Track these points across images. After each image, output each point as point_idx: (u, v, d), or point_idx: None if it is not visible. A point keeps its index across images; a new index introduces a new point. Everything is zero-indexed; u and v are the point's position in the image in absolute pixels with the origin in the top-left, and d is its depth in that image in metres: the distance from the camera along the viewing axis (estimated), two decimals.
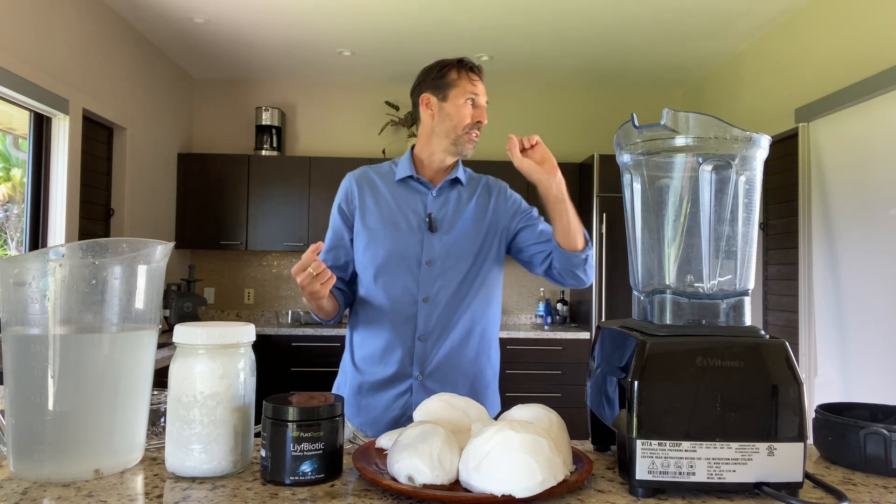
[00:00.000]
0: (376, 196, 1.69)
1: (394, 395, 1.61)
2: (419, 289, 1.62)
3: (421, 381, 1.60)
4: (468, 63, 1.69)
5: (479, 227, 1.68)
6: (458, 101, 1.66)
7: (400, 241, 1.63)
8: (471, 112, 1.67)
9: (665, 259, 0.94)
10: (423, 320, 1.61)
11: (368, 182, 1.71)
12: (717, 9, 3.62)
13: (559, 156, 5.19)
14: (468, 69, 1.69)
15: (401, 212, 1.67)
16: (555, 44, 4.25)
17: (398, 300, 1.62)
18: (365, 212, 1.68)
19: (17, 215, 3.36)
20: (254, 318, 5.14)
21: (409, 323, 1.61)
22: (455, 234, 1.65)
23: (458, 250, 1.64)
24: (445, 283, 1.62)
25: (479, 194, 1.73)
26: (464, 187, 1.73)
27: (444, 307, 1.62)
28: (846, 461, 0.96)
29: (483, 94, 1.70)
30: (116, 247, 0.91)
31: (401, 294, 1.62)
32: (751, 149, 0.90)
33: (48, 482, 0.84)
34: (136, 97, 4.17)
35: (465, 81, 1.67)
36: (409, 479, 0.82)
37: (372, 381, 1.63)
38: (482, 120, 1.68)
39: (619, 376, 0.87)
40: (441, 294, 1.62)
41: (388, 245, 1.63)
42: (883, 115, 2.89)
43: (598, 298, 4.45)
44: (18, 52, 2.97)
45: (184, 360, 0.88)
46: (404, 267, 1.62)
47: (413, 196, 1.69)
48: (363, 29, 4.04)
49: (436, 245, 1.63)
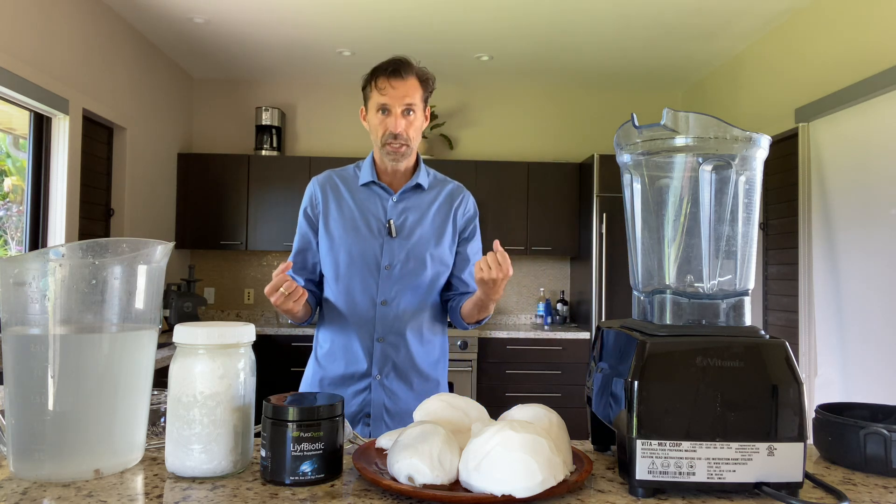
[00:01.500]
0: (339, 201, 1.72)
1: (353, 391, 1.67)
2: (378, 292, 1.66)
3: (379, 381, 1.66)
4: (379, 69, 1.63)
5: (439, 234, 1.71)
6: (371, 114, 1.66)
7: (360, 245, 1.67)
8: (381, 122, 1.63)
9: (665, 259, 0.94)
10: (380, 322, 1.66)
11: (332, 187, 1.73)
12: (717, 9, 3.62)
13: (559, 156, 5.24)
14: (377, 76, 1.62)
15: (362, 216, 1.69)
16: (555, 44, 4.25)
17: (358, 303, 1.67)
18: (328, 217, 1.71)
19: (18, 213, 3.36)
20: (254, 318, 5.14)
21: (367, 324, 1.66)
22: (414, 240, 1.68)
23: (416, 255, 1.67)
24: (403, 287, 1.66)
25: (442, 201, 1.74)
26: (426, 191, 1.74)
27: (402, 310, 1.67)
28: (846, 461, 0.96)
29: (396, 98, 1.60)
30: (116, 247, 0.91)
31: (360, 297, 1.66)
32: (751, 149, 0.90)
33: (48, 482, 0.84)
34: (136, 97, 4.17)
35: (374, 92, 1.63)
36: (409, 479, 0.82)
37: (332, 376, 1.69)
38: (391, 129, 1.61)
39: (619, 376, 0.87)
40: (399, 297, 1.66)
41: (349, 249, 1.67)
42: (883, 115, 2.89)
43: (598, 298, 4.45)
44: (18, 52, 2.97)
45: (184, 360, 0.88)
46: (364, 271, 1.66)
47: (374, 201, 1.71)
48: (363, 29, 4.04)
49: (395, 250, 1.67)
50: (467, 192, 1.80)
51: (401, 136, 1.62)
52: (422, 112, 1.67)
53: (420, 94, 1.65)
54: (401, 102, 1.61)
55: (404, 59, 1.64)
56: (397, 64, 1.62)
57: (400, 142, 1.63)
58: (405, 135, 1.63)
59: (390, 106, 1.61)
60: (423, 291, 1.69)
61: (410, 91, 1.62)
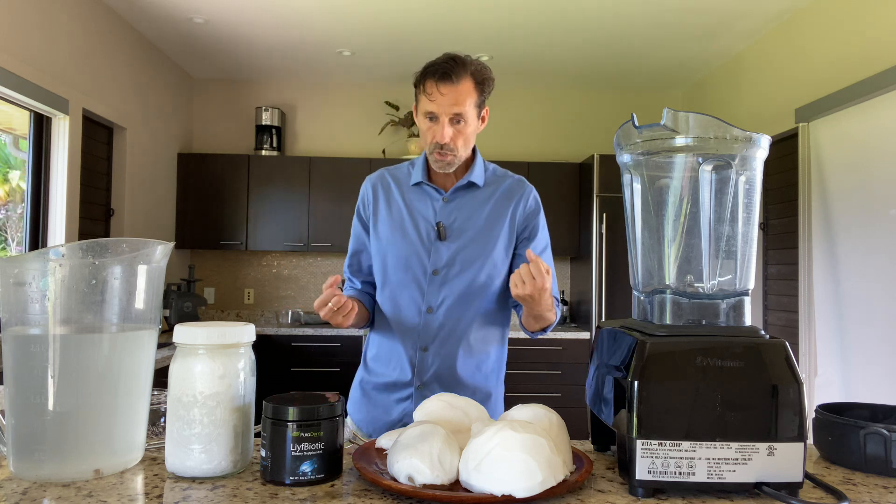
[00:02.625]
0: (389, 202, 1.63)
1: (395, 399, 1.60)
2: (424, 299, 1.57)
3: (421, 391, 1.58)
4: (429, 71, 1.50)
5: (491, 234, 1.59)
6: (420, 118, 1.56)
7: (408, 249, 1.58)
8: (429, 129, 1.53)
9: (665, 259, 0.94)
10: (425, 331, 1.57)
11: (384, 187, 1.65)
12: (717, 9, 3.62)
13: (559, 156, 5.23)
14: (426, 79, 1.50)
15: (411, 218, 1.60)
16: (555, 44, 4.25)
17: (403, 309, 1.58)
18: (378, 218, 1.63)
19: (19, 215, 3.36)
20: (254, 318, 5.14)
21: (412, 332, 1.58)
22: (462, 242, 1.57)
23: (465, 259, 1.57)
24: (450, 292, 1.56)
25: (498, 198, 1.61)
26: (481, 189, 1.62)
27: (448, 318, 1.56)
28: (846, 461, 0.96)
29: (444, 105, 1.48)
30: (116, 247, 0.91)
31: (406, 303, 1.58)
32: (751, 149, 0.90)
33: (48, 482, 0.84)
34: (136, 97, 4.17)
35: (422, 96, 1.52)
36: (409, 479, 0.82)
37: (377, 382, 1.63)
38: (439, 140, 1.50)
39: (619, 376, 0.87)
40: (444, 304, 1.56)
41: (396, 253, 1.59)
42: (883, 115, 2.89)
43: (598, 298, 4.45)
44: (18, 52, 2.97)
45: (184, 360, 0.88)
46: (410, 276, 1.57)
47: (425, 202, 1.61)
48: (363, 29, 4.04)
49: (443, 254, 1.57)
50: (530, 187, 1.64)
51: (447, 147, 1.51)
52: (475, 117, 1.54)
53: (473, 99, 1.51)
54: (449, 111, 1.48)
55: (457, 60, 1.49)
56: (448, 67, 1.47)
57: (446, 151, 1.52)
58: (452, 145, 1.51)
59: (438, 114, 1.49)
60: (472, 298, 1.57)
61: (461, 98, 1.48)
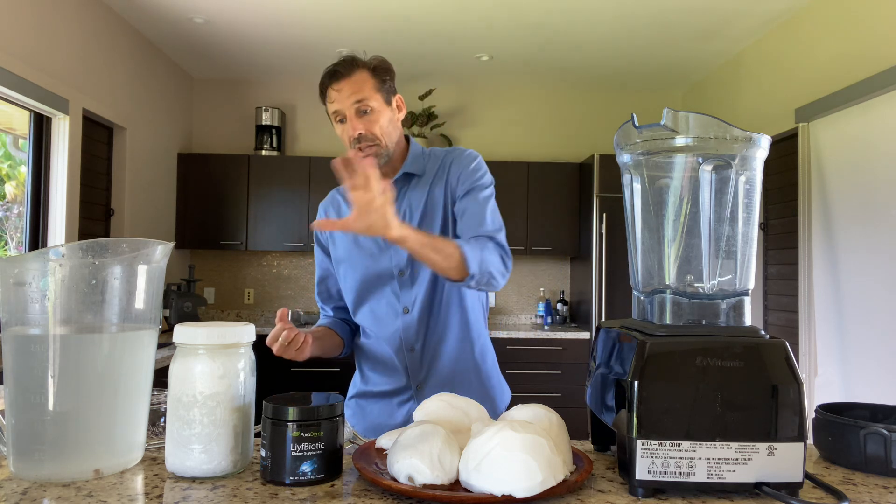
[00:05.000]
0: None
1: (397, 402, 1.60)
2: (399, 300, 1.56)
3: (421, 391, 1.58)
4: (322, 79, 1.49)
5: (435, 216, 1.53)
6: (336, 127, 1.51)
7: (367, 259, 1.57)
8: (343, 132, 1.49)
9: (665, 259, 0.94)
10: (406, 331, 1.56)
11: (335, 207, 1.65)
12: (717, 9, 3.62)
13: (559, 156, 5.23)
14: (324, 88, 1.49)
15: None
16: (555, 44, 4.25)
17: (382, 317, 1.58)
18: (334, 239, 1.62)
19: (18, 215, 3.36)
20: (254, 318, 5.14)
21: (395, 336, 1.57)
22: None
23: None
24: (420, 289, 1.55)
25: (435, 178, 1.55)
26: (419, 178, 1.56)
27: (426, 314, 1.56)
28: (846, 461, 0.96)
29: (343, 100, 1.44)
30: (116, 247, 0.91)
31: (385, 310, 1.57)
32: (751, 149, 0.90)
33: (48, 482, 0.84)
34: (136, 97, 4.17)
35: (327, 105, 1.50)
36: (409, 479, 0.82)
37: (375, 391, 1.63)
38: (351, 134, 1.46)
39: (619, 376, 0.87)
40: (418, 301, 1.56)
41: (360, 266, 1.58)
42: (883, 115, 2.89)
43: (598, 298, 4.45)
44: (18, 52, 2.97)
45: (184, 360, 0.88)
46: (380, 283, 1.57)
47: None
48: (363, 29, 4.04)
49: (401, 252, 1.53)
50: (460, 149, 1.58)
51: (365, 137, 1.45)
52: (384, 104, 1.48)
53: (372, 84, 1.46)
54: (349, 102, 1.44)
55: (345, 58, 1.47)
56: (337, 65, 1.46)
57: (366, 143, 1.46)
58: (369, 135, 1.46)
59: (342, 110, 1.46)
60: (440, 288, 1.56)
61: (357, 86, 1.44)
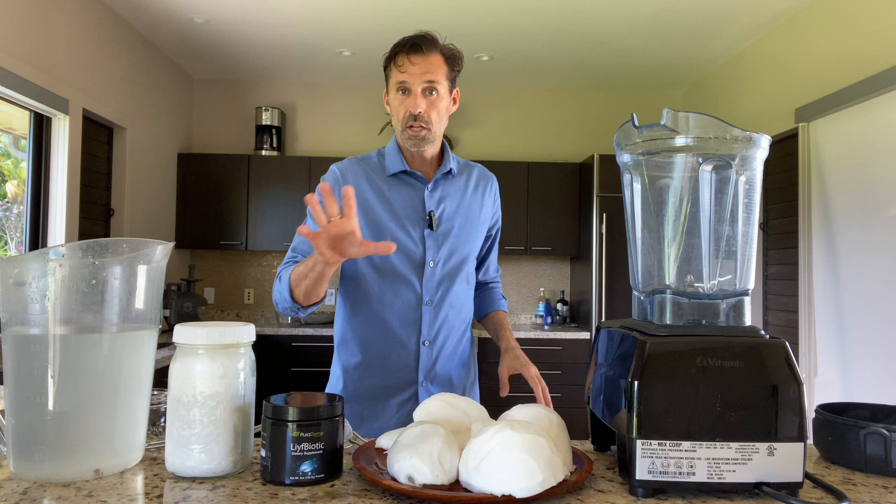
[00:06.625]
0: (374, 189, 1.54)
1: (396, 403, 1.53)
2: (423, 291, 1.53)
3: (426, 387, 1.54)
4: (399, 45, 1.48)
5: (476, 223, 1.61)
6: (391, 95, 1.51)
7: (405, 240, 1.52)
8: (401, 103, 1.49)
9: (665, 259, 0.94)
10: (427, 324, 1.53)
11: (364, 172, 1.56)
12: (717, 9, 3.62)
13: (559, 156, 5.23)
14: (397, 53, 1.48)
15: (402, 209, 1.54)
16: (555, 44, 4.25)
17: (404, 303, 1.53)
18: (365, 204, 1.52)
19: (18, 215, 3.36)
20: (254, 318, 5.14)
21: (413, 327, 1.53)
22: (456, 233, 1.57)
23: (458, 248, 1.57)
24: (448, 284, 1.55)
25: (474, 186, 1.63)
26: (456, 177, 1.61)
27: (446, 309, 1.55)
28: (846, 461, 0.96)
29: (416, 75, 1.45)
30: (116, 247, 0.91)
31: (406, 297, 1.53)
32: (751, 149, 0.90)
33: (48, 482, 0.84)
34: (136, 97, 4.17)
35: (393, 70, 1.48)
36: (409, 479, 0.82)
37: (370, 389, 1.54)
38: (412, 110, 1.46)
39: (619, 376, 0.87)
40: (442, 296, 1.54)
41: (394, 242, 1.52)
42: (883, 115, 2.89)
43: (598, 298, 4.45)
44: (18, 52, 2.97)
45: (184, 360, 0.87)
46: (409, 268, 1.52)
47: (409, 192, 1.55)
48: (363, 29, 4.04)
49: (439, 245, 1.54)
50: (493, 177, 1.69)
51: (421, 118, 1.46)
52: (447, 92, 1.51)
53: (444, 71, 1.48)
54: (421, 80, 1.45)
55: (427, 34, 1.48)
56: (418, 39, 1.46)
57: (420, 124, 1.47)
58: (426, 116, 1.47)
59: (410, 84, 1.46)
60: (462, 287, 1.57)
61: (433, 68, 1.46)
